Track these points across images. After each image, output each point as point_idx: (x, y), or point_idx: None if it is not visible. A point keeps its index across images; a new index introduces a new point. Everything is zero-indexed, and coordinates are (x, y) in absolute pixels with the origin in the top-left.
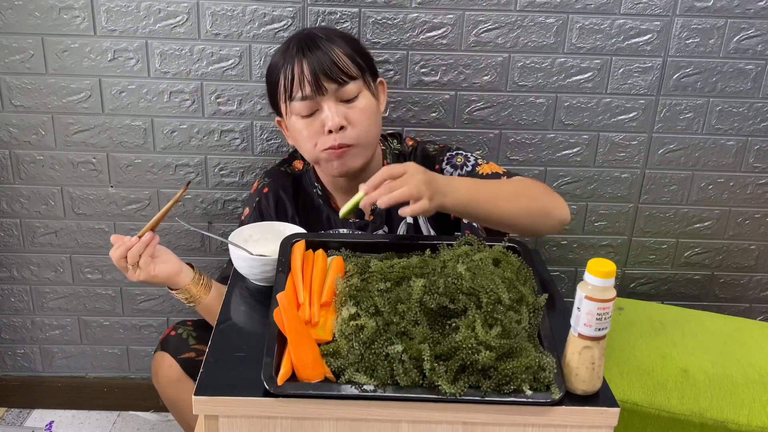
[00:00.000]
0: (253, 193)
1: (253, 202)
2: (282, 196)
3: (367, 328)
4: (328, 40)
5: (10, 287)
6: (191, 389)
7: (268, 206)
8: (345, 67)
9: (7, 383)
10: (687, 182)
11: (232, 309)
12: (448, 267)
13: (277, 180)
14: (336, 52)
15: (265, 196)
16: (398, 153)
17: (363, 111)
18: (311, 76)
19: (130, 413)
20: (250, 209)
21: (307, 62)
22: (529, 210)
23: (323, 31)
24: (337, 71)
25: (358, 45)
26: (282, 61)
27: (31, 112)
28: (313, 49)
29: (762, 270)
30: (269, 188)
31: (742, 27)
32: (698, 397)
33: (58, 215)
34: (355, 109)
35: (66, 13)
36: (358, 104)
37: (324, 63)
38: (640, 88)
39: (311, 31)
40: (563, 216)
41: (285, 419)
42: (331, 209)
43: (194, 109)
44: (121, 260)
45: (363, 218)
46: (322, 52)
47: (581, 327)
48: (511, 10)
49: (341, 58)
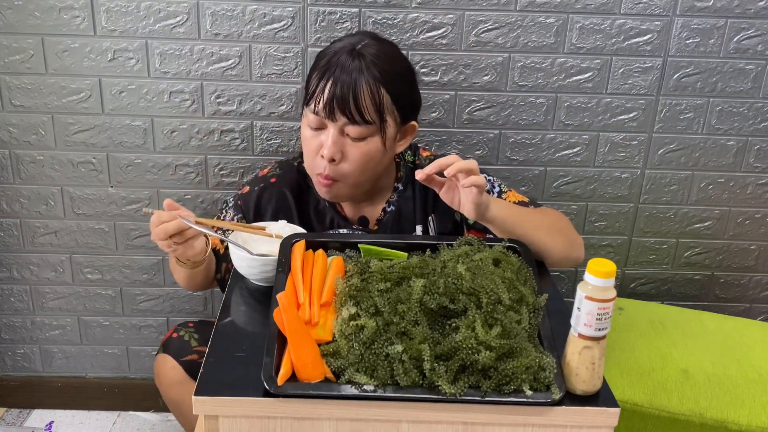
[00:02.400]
0: (260, 177)
1: (257, 185)
2: (286, 194)
3: (367, 328)
4: (368, 68)
5: (10, 287)
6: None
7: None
8: (363, 109)
9: (7, 383)
10: (687, 182)
11: (232, 309)
12: (448, 267)
13: (287, 175)
14: (364, 89)
15: (270, 186)
16: (412, 167)
17: (363, 154)
18: (328, 100)
19: (130, 413)
20: (250, 189)
21: (333, 83)
22: (560, 241)
23: (375, 54)
24: (352, 109)
25: (398, 87)
26: (326, 61)
27: (31, 112)
28: (348, 71)
29: (762, 270)
30: (277, 179)
31: (742, 27)
32: (698, 397)
33: (58, 215)
34: (355, 149)
35: (66, 13)
36: (361, 146)
37: (345, 94)
38: (640, 88)
39: (365, 47)
40: (581, 254)
41: (285, 419)
42: (336, 212)
43: (194, 109)
44: (164, 234)
45: (367, 226)
46: (353, 81)
47: (581, 327)
48: (511, 10)
49: (366, 97)
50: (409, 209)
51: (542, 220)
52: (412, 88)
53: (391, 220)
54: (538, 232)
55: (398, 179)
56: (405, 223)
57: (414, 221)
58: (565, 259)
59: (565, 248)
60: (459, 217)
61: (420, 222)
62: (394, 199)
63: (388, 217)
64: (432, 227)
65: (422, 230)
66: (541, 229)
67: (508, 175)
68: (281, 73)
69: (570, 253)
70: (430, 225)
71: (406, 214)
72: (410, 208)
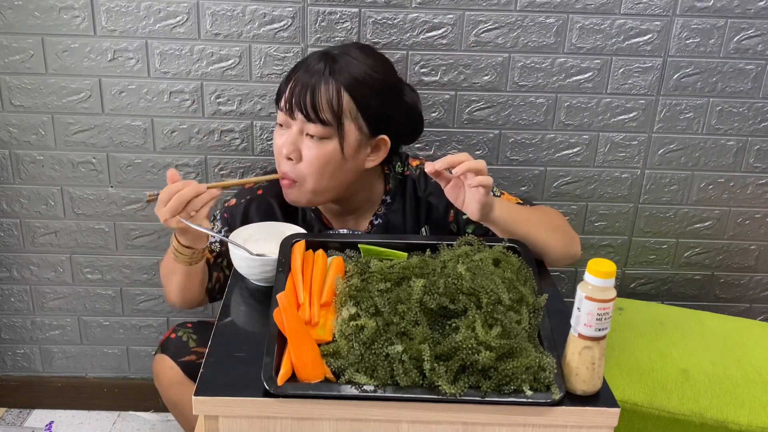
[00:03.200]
0: (247, 188)
1: (243, 197)
2: (272, 205)
3: (367, 328)
4: (333, 73)
5: (10, 287)
6: (193, 391)
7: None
8: (319, 108)
9: (7, 383)
10: (687, 182)
11: (232, 309)
12: (448, 267)
13: (275, 185)
14: (321, 89)
15: (257, 198)
16: (401, 178)
17: (318, 156)
18: (289, 96)
19: (130, 413)
20: (236, 201)
21: (296, 80)
22: (560, 238)
23: (349, 62)
24: (308, 106)
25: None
26: (299, 63)
27: (31, 112)
28: (311, 72)
29: (762, 270)
30: (264, 191)
31: (742, 27)
32: (698, 397)
33: (58, 215)
34: (310, 150)
35: (66, 13)
36: (317, 146)
37: (304, 92)
38: (640, 88)
39: (342, 54)
40: (579, 250)
41: (285, 419)
42: (322, 224)
43: (194, 109)
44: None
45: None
46: (314, 81)
47: (581, 327)
48: (511, 10)
49: (322, 97)
50: (398, 222)
51: (542, 218)
52: (384, 102)
53: (378, 233)
54: (539, 231)
55: (387, 192)
56: (396, 226)
57: (405, 231)
58: (565, 256)
59: (564, 245)
60: (454, 227)
61: (411, 232)
62: (381, 212)
63: (376, 230)
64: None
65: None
66: (541, 228)
67: (508, 175)
68: (281, 73)
69: (569, 249)
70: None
71: (395, 227)
72: (399, 221)
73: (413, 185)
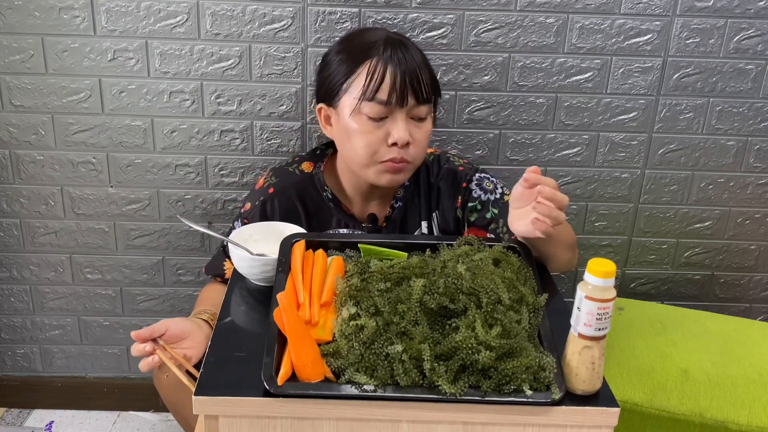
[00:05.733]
0: (257, 190)
1: (257, 199)
2: (290, 198)
3: (367, 328)
4: (414, 50)
5: (10, 287)
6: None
7: (273, 207)
8: (427, 87)
9: (7, 383)
10: (687, 182)
11: (232, 309)
12: (448, 267)
13: (285, 180)
14: (422, 68)
15: (270, 197)
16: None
17: (426, 134)
18: (401, 86)
19: (130, 413)
20: (251, 205)
21: (401, 70)
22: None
23: (407, 40)
24: (421, 89)
25: (431, 67)
26: (363, 55)
27: (31, 112)
28: (407, 58)
29: (762, 270)
30: (275, 188)
31: (742, 27)
32: (698, 397)
33: (58, 215)
34: (421, 130)
35: (66, 13)
36: (424, 126)
37: (414, 77)
38: (640, 88)
39: (398, 35)
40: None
41: (285, 419)
42: (342, 212)
43: (194, 109)
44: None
45: (376, 224)
46: (415, 65)
47: (581, 327)
48: (511, 10)
49: (425, 76)
50: (416, 204)
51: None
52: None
53: (399, 215)
54: (556, 250)
55: None
56: (412, 218)
57: (420, 216)
58: (565, 269)
59: (569, 260)
60: (460, 214)
61: (425, 218)
62: (401, 194)
63: (397, 212)
64: (436, 223)
65: (427, 225)
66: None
67: (509, 175)
68: (281, 73)
69: (571, 265)
70: (434, 221)
71: (413, 209)
72: (416, 203)
73: (426, 170)
